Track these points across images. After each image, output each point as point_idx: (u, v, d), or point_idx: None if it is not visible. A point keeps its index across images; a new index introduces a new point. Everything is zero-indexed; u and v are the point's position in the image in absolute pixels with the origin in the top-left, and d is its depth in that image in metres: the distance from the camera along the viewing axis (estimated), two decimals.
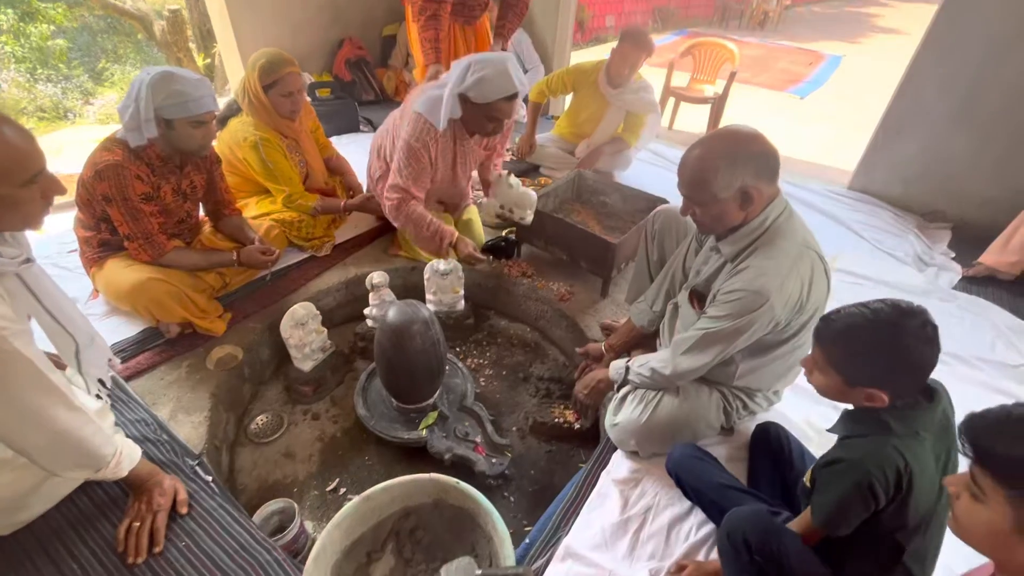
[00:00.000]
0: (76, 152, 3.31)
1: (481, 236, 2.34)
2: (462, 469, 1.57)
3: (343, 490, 1.59)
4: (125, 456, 1.13)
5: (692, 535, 1.23)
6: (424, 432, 1.62)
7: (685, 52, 4.33)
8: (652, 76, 2.88)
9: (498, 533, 1.07)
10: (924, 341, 0.89)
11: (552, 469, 1.69)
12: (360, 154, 2.69)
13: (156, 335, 1.74)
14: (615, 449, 1.47)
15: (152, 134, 1.52)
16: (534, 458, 1.72)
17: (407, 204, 1.87)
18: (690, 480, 1.28)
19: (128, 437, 1.28)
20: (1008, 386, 1.75)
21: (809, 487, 1.03)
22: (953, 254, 2.55)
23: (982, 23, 2.42)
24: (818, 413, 1.55)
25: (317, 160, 2.32)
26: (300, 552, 1.37)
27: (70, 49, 6.68)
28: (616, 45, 2.68)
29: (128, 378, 1.60)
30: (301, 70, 2.04)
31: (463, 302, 2.13)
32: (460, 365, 1.88)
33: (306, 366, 1.84)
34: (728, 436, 1.48)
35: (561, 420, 1.80)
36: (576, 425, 1.77)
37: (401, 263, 2.25)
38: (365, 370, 1.82)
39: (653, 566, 1.15)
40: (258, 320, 1.90)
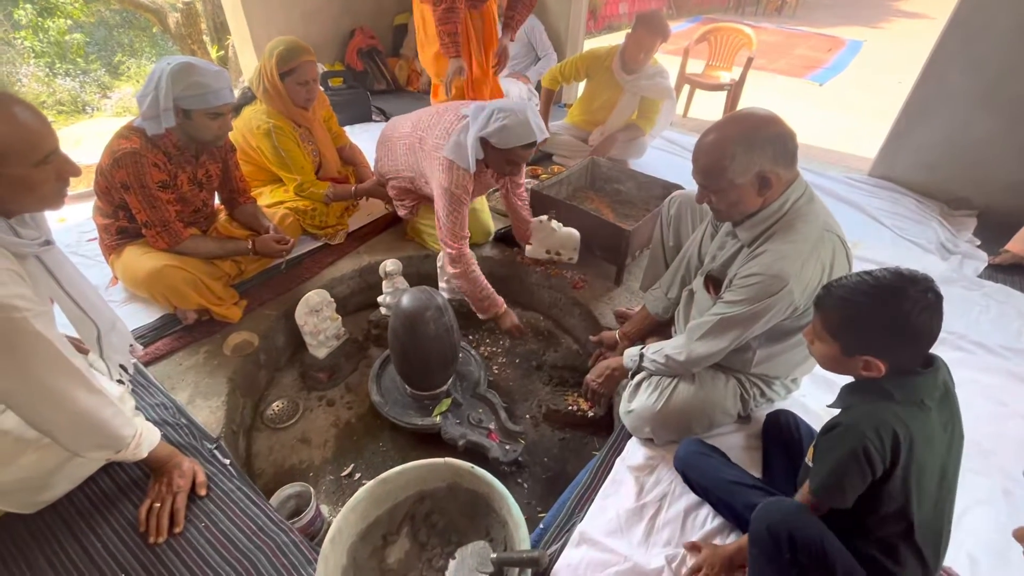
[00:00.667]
0: (95, 144, 3.36)
1: (489, 224, 2.32)
2: (476, 455, 1.57)
3: (358, 475, 1.60)
4: (145, 438, 1.15)
5: (708, 522, 1.22)
6: (438, 418, 1.63)
7: (700, 38, 4.24)
8: (666, 63, 2.82)
9: (513, 517, 1.07)
10: (925, 308, 0.86)
11: (565, 456, 1.69)
12: (372, 143, 2.68)
13: (174, 321, 1.76)
14: (629, 436, 1.46)
15: (170, 124, 1.53)
16: (547, 445, 1.72)
17: (463, 260, 1.85)
18: (697, 477, 1.27)
19: (148, 420, 1.30)
20: None
21: (812, 464, 1.00)
22: (979, 242, 2.48)
23: (1011, 3, 2.33)
24: None
25: (330, 149, 2.32)
26: (316, 535, 1.39)
27: (87, 43, 6.78)
28: (631, 30, 2.64)
29: (147, 363, 1.63)
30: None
31: None
32: (473, 353, 1.88)
33: (321, 353, 1.85)
34: (745, 424, 1.46)
35: (575, 408, 1.80)
36: (590, 413, 1.77)
37: (414, 251, 2.25)
38: (379, 357, 1.83)
39: (669, 552, 1.14)
40: (273, 307, 1.91)
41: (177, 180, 1.69)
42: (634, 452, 1.39)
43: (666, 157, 3.21)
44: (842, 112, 5.25)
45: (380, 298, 2.01)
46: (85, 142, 3.45)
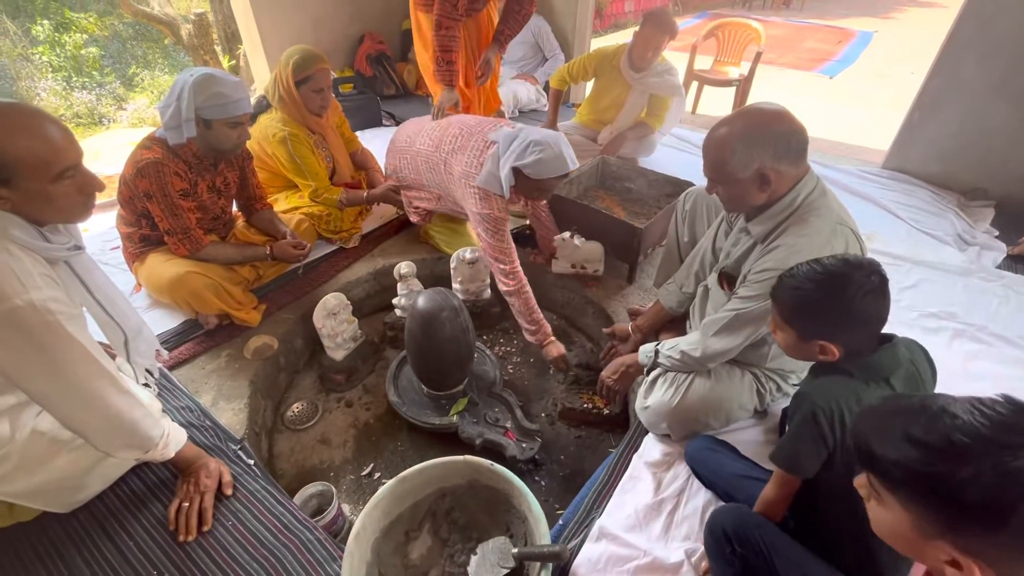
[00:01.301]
0: (113, 155, 3.44)
1: None
2: (493, 454, 1.58)
3: (377, 474, 1.63)
4: (172, 439, 1.18)
5: None
6: (455, 418, 1.65)
7: (708, 34, 4.23)
8: (674, 59, 2.82)
9: (533, 513, 1.08)
10: (869, 291, 0.91)
11: (582, 454, 1.70)
12: (383, 148, 2.70)
13: (196, 326, 1.81)
14: (646, 433, 1.46)
15: (191, 133, 1.58)
16: (563, 443, 1.73)
17: (522, 279, 1.83)
18: (705, 473, 1.29)
19: (175, 423, 1.34)
20: None
21: None
22: (997, 232, 2.44)
23: None
24: None
25: (343, 155, 2.36)
26: (339, 533, 1.41)
27: (102, 57, 6.92)
28: (638, 28, 2.64)
29: (171, 367, 1.67)
30: None
31: (489, 290, 2.15)
32: (488, 352, 1.90)
33: (338, 355, 1.88)
34: (762, 419, 1.46)
35: (590, 406, 1.80)
36: (605, 411, 1.77)
37: (427, 253, 2.28)
38: (396, 358, 1.85)
39: (689, 547, 1.15)
40: (291, 311, 1.95)
41: (197, 188, 1.73)
42: (651, 448, 1.40)
43: (676, 154, 3.20)
44: (854, 105, 5.19)
45: (395, 300, 2.04)
46: (104, 154, 3.53)
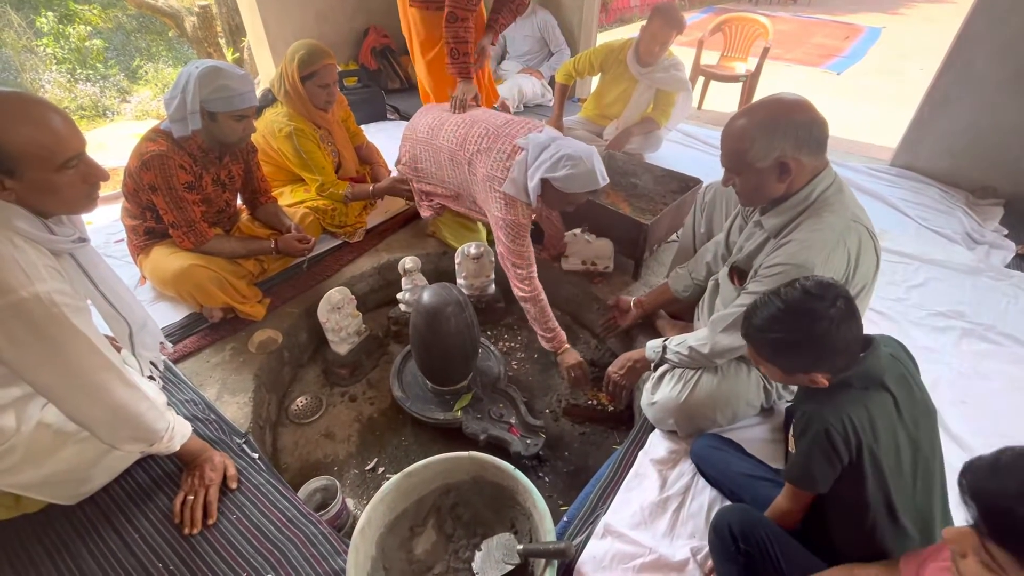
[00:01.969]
0: (118, 147, 3.44)
1: None
2: (497, 450, 1.58)
3: (381, 469, 1.63)
4: (177, 431, 1.18)
5: None
6: (459, 413, 1.64)
7: (715, 28, 4.19)
8: (681, 55, 2.80)
9: (538, 510, 1.08)
10: (841, 320, 0.90)
11: (586, 451, 1.69)
12: (388, 142, 2.71)
13: (201, 320, 1.80)
14: (651, 430, 1.46)
15: (197, 126, 1.57)
16: (568, 440, 1.73)
17: (538, 286, 1.79)
18: (710, 471, 1.29)
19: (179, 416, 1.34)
20: None
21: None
22: (1006, 231, 2.42)
23: None
24: None
25: (349, 149, 2.34)
26: (342, 528, 1.41)
27: (106, 49, 6.91)
28: (645, 23, 2.62)
29: (176, 361, 1.67)
30: None
31: (494, 286, 2.14)
32: (492, 348, 1.89)
33: (342, 349, 1.88)
34: (769, 416, 1.45)
35: (594, 402, 1.80)
36: (610, 407, 1.77)
37: (432, 248, 2.27)
38: (400, 353, 1.85)
39: (694, 544, 1.14)
40: (296, 305, 1.94)
41: (202, 181, 1.72)
42: (656, 445, 1.39)
43: (682, 150, 3.18)
44: (861, 101, 5.15)
45: (399, 295, 2.03)
46: (109, 146, 3.53)
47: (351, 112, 2.38)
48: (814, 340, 0.92)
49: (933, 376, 1.56)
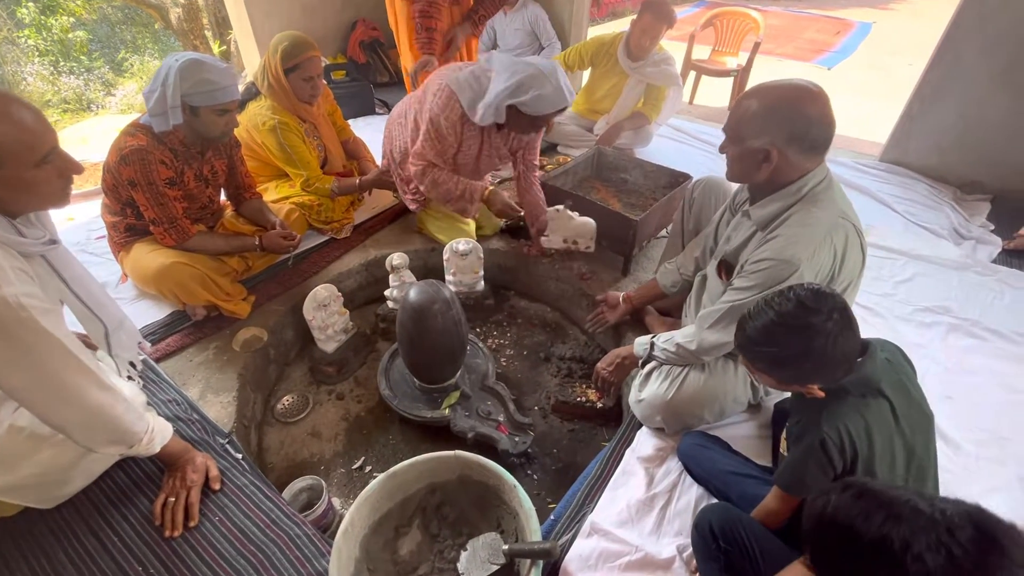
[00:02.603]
0: (101, 141, 3.37)
1: (497, 221, 2.31)
2: (485, 448, 1.57)
3: (368, 468, 1.61)
4: (157, 433, 1.16)
5: None
6: (447, 411, 1.63)
7: (706, 23, 4.18)
8: (672, 49, 2.78)
9: (524, 509, 1.07)
10: (838, 334, 0.89)
11: (575, 448, 1.69)
12: (376, 136, 2.66)
13: (184, 318, 1.77)
14: (639, 427, 1.46)
15: (178, 121, 1.53)
16: (556, 437, 1.72)
17: (432, 170, 1.90)
18: (696, 469, 1.29)
19: (160, 416, 1.31)
20: None
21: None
22: (992, 226, 2.44)
23: None
24: None
25: (335, 144, 2.31)
26: (328, 528, 1.40)
27: (90, 41, 6.77)
28: (636, 17, 2.60)
29: (158, 360, 1.64)
30: None
31: (483, 283, 2.12)
32: (481, 345, 1.88)
33: (329, 347, 1.86)
34: (756, 413, 1.46)
35: (583, 399, 1.79)
36: (599, 404, 1.76)
37: (420, 245, 2.25)
38: (388, 350, 1.83)
39: (680, 542, 1.14)
40: (281, 302, 1.92)
41: (184, 177, 1.69)
42: (644, 443, 1.39)
43: (673, 145, 3.17)
44: (851, 96, 5.16)
45: (387, 292, 2.01)
46: (92, 140, 3.46)
47: (337, 106, 2.35)
48: (810, 355, 0.90)
49: (920, 371, 1.53)
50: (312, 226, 2.18)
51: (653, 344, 1.44)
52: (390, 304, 2.03)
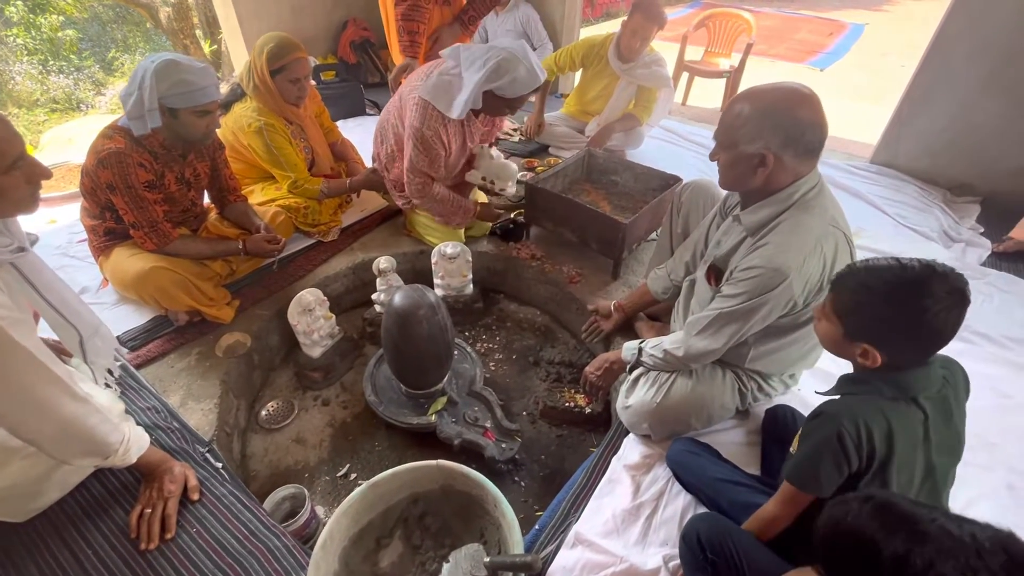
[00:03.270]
0: (87, 142, 3.31)
1: (486, 224, 2.30)
2: (472, 454, 1.56)
3: (354, 475, 1.59)
4: (133, 443, 1.13)
5: None
6: (433, 417, 1.61)
7: (699, 24, 4.17)
8: (665, 50, 2.77)
9: (506, 520, 1.05)
10: (946, 308, 0.81)
11: (563, 454, 1.67)
12: (366, 137, 2.64)
13: (166, 323, 1.74)
14: (626, 434, 1.44)
15: (156, 124, 1.50)
16: (545, 443, 1.70)
17: (430, 187, 1.97)
18: (686, 476, 1.27)
19: (139, 424, 1.29)
20: None
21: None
22: (982, 229, 2.44)
23: None
24: None
25: (323, 146, 2.28)
26: (312, 537, 1.37)
27: (81, 40, 6.70)
28: (626, 18, 2.58)
29: (139, 366, 1.61)
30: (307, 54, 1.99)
31: (472, 286, 2.10)
32: (469, 350, 1.86)
33: (315, 352, 1.83)
34: (744, 419, 1.44)
35: (572, 404, 1.77)
36: (587, 409, 1.75)
37: (408, 248, 2.23)
38: (374, 356, 1.81)
39: (666, 552, 1.12)
40: (266, 307, 1.89)
41: (164, 180, 1.66)
42: (630, 450, 1.37)
43: (665, 147, 3.16)
44: (843, 98, 5.18)
45: (374, 296, 1.99)
46: (77, 141, 3.41)
47: (325, 107, 2.32)
48: (909, 315, 0.83)
49: None
50: (299, 229, 2.16)
51: (641, 349, 1.43)
52: (377, 308, 2.00)
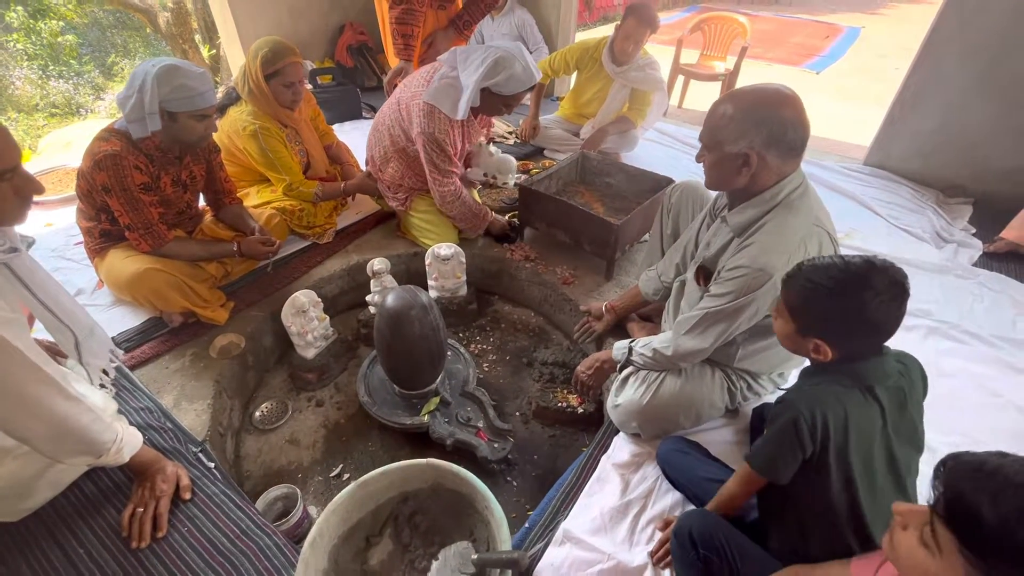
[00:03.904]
0: (84, 146, 3.34)
1: None
2: (465, 454, 1.56)
3: (347, 476, 1.60)
4: (126, 442, 1.14)
5: None
6: (426, 417, 1.62)
7: (694, 28, 4.21)
8: (660, 54, 2.79)
9: (495, 517, 1.06)
10: (887, 300, 0.86)
11: (555, 453, 1.68)
12: (363, 140, 2.65)
13: (160, 325, 1.76)
14: (616, 433, 1.45)
15: (156, 127, 1.52)
16: (537, 443, 1.71)
17: (460, 190, 2.05)
18: (675, 474, 1.28)
19: (132, 425, 1.29)
20: None
21: None
22: (974, 230, 2.45)
23: None
24: None
25: (318, 149, 2.30)
26: (303, 537, 1.38)
27: (80, 45, 6.74)
28: (620, 21, 2.61)
29: (133, 367, 1.62)
30: (302, 58, 2.02)
31: (466, 287, 2.11)
32: (462, 351, 1.87)
33: (309, 353, 1.84)
34: (734, 418, 1.45)
35: (564, 404, 1.78)
36: (580, 409, 1.75)
37: (403, 249, 2.24)
38: (368, 357, 1.82)
39: (653, 550, 1.13)
40: (261, 308, 1.90)
41: (160, 182, 1.68)
42: (620, 449, 1.38)
43: (659, 149, 3.18)
44: (839, 100, 5.20)
45: (369, 297, 2.00)
46: (75, 145, 3.42)
47: (320, 111, 2.34)
48: (851, 307, 0.88)
49: None
50: (294, 231, 2.17)
51: (631, 349, 1.44)
52: (372, 309, 2.01)
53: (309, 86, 2.90)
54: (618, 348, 1.48)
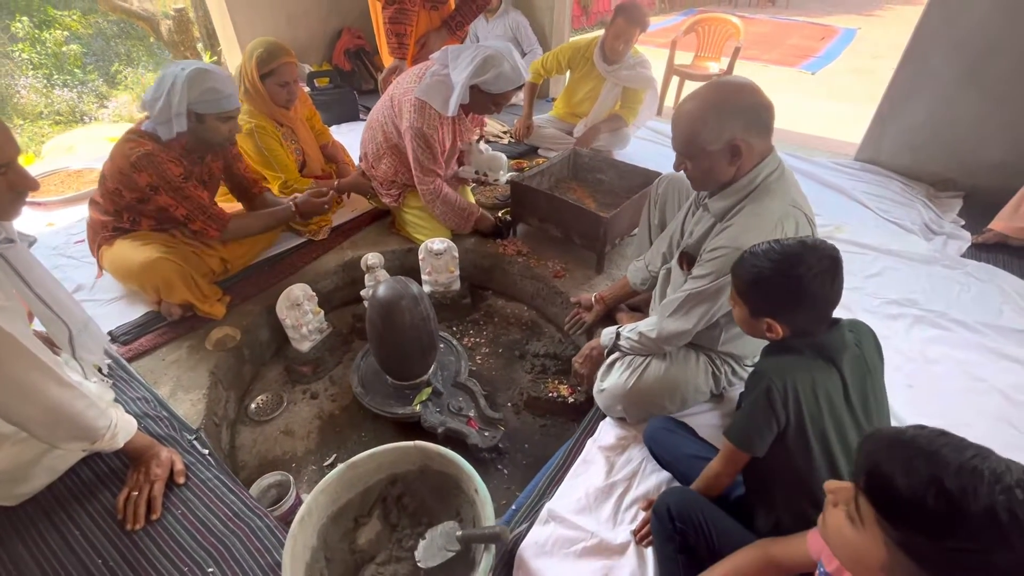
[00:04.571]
0: (87, 150, 3.39)
1: None
2: (456, 443, 1.58)
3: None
4: (121, 428, 1.16)
5: None
6: (418, 407, 1.64)
7: (688, 29, 4.25)
8: (655, 55, 2.83)
9: (480, 496, 1.08)
10: (819, 273, 0.92)
11: (546, 443, 1.70)
12: (359, 141, 2.71)
13: (158, 319, 1.79)
14: (604, 417, 1.47)
15: (182, 128, 1.58)
16: (528, 432, 1.73)
17: (441, 188, 2.07)
18: (662, 452, 1.30)
19: (128, 413, 1.32)
20: (1014, 351, 1.69)
21: None
22: (963, 222, 2.47)
23: None
24: None
25: (314, 148, 2.34)
26: None
27: (85, 54, 6.84)
28: (610, 21, 2.65)
29: (130, 359, 1.65)
30: (300, 61, 2.07)
31: (459, 282, 2.14)
32: (454, 343, 1.89)
33: (304, 347, 1.87)
34: (719, 402, 1.47)
35: (555, 395, 1.81)
36: (570, 399, 1.78)
37: (397, 245, 2.27)
38: (362, 349, 1.84)
39: (636, 528, 1.15)
40: (257, 303, 1.93)
41: (190, 179, 1.72)
42: (606, 432, 1.40)
43: (652, 147, 3.21)
44: (834, 100, 5.23)
45: (363, 291, 2.03)
46: (78, 149, 3.48)
47: (316, 111, 2.39)
48: (789, 283, 0.94)
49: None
50: (290, 228, 2.21)
51: (618, 334, 1.46)
52: (366, 304, 2.04)
53: (307, 88, 2.95)
54: (606, 334, 1.51)
